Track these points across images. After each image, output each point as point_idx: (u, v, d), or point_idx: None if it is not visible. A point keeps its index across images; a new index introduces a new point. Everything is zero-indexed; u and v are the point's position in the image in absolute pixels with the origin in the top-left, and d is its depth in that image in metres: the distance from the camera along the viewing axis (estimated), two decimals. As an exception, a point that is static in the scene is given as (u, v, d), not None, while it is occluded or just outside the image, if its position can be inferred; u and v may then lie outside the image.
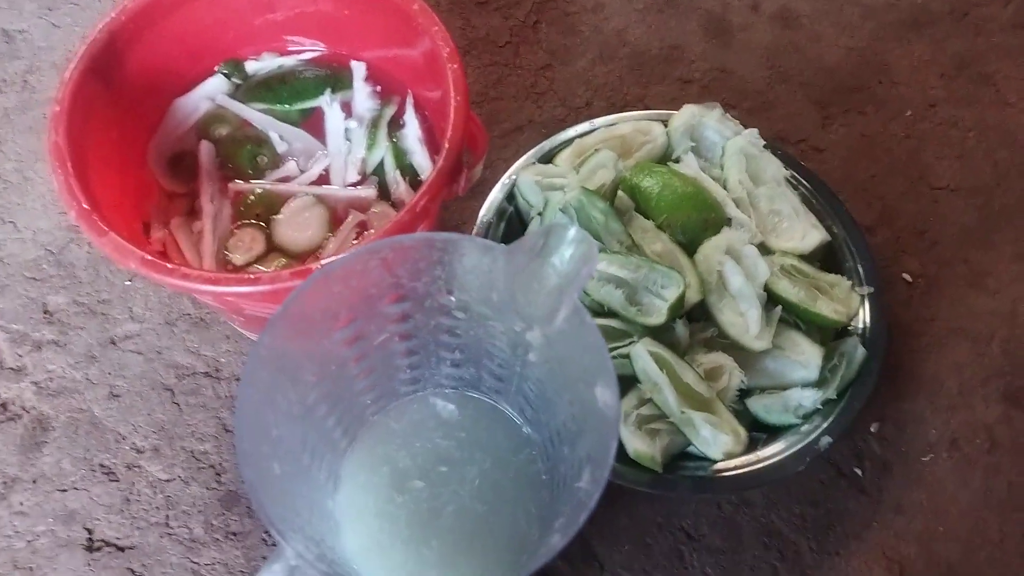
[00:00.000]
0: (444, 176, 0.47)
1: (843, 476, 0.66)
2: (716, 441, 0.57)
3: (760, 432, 0.63)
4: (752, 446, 0.61)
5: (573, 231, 0.39)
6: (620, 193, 0.67)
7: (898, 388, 0.69)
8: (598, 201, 0.63)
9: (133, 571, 0.63)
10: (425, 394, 0.61)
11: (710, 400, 0.59)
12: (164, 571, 0.62)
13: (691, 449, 0.60)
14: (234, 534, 0.63)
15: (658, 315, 0.60)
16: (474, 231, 0.68)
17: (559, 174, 0.67)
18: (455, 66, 0.50)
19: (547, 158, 0.71)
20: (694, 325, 0.64)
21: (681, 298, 0.59)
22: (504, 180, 0.70)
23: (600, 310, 0.62)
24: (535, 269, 0.40)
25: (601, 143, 0.70)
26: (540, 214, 0.64)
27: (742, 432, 0.58)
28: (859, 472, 0.66)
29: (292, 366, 0.40)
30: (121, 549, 0.63)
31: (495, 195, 0.69)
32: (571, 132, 0.72)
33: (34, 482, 0.65)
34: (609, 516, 0.64)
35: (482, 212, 0.68)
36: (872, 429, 0.68)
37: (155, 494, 0.65)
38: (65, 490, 0.65)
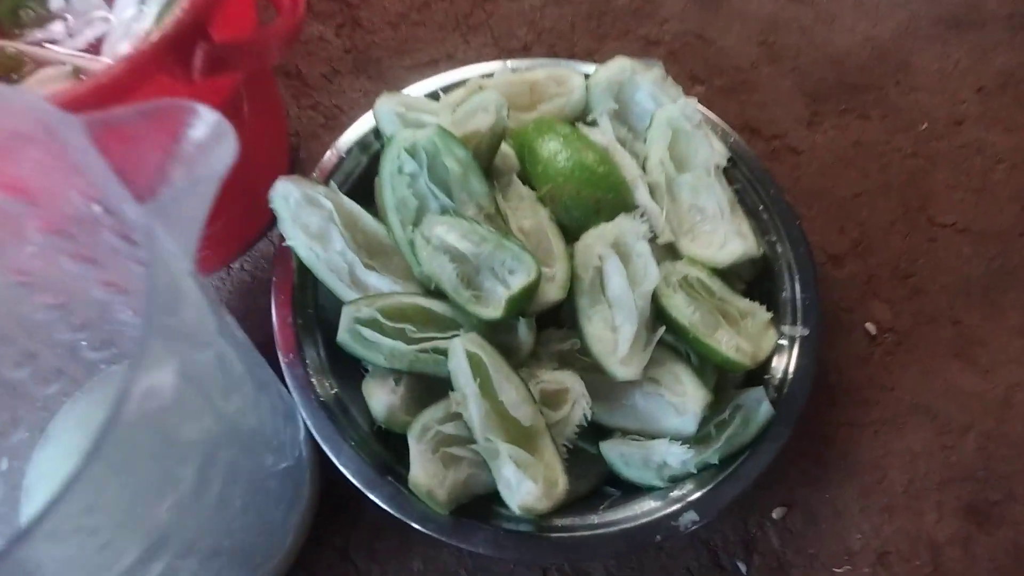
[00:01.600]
0: (163, 47, 0.33)
1: (720, 568, 0.49)
2: (518, 487, 0.41)
3: (615, 488, 0.47)
4: (594, 503, 0.46)
5: (205, 112, 0.24)
6: (507, 149, 0.52)
7: (821, 469, 0.52)
8: (457, 147, 0.48)
9: None
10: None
11: (532, 432, 0.43)
12: None
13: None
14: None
15: (495, 306, 0.44)
16: (322, 159, 0.54)
17: (430, 110, 0.53)
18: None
19: (438, 97, 0.57)
20: (552, 331, 0.48)
21: (529, 290, 0.44)
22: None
23: (429, 287, 0.47)
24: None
25: (502, 86, 0.55)
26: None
27: (559, 485, 0.42)
28: (742, 568, 0.49)
29: None
30: None
31: (362, 125, 0.55)
32: (473, 69, 0.58)
33: None
34: (400, 557, 0.49)
35: (340, 141, 0.55)
36: (774, 515, 0.51)
37: None
38: None
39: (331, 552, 0.49)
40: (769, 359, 0.49)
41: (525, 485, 0.41)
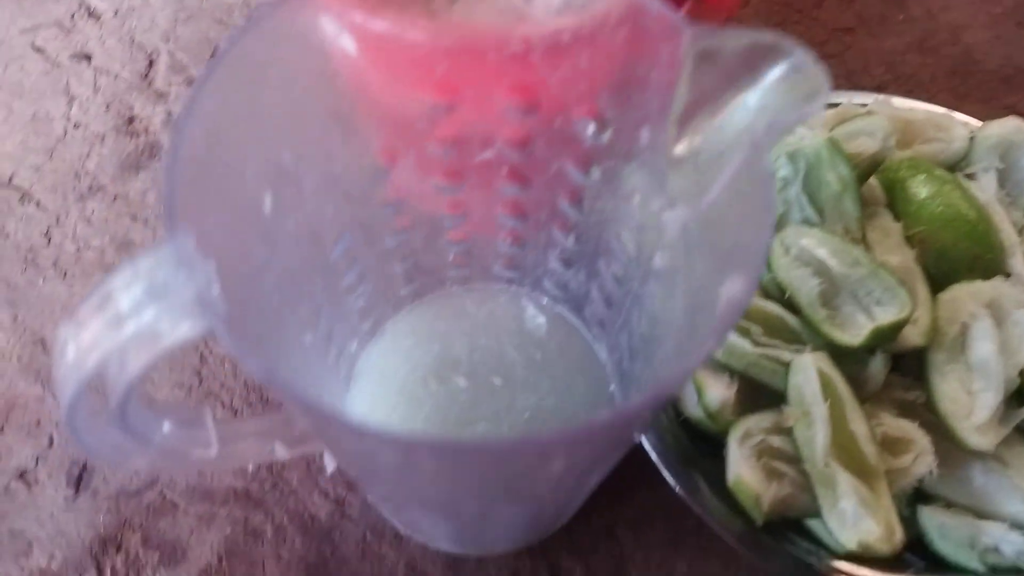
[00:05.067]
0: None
1: None
2: (856, 523, 0.39)
3: (918, 557, 0.44)
4: (896, 567, 0.42)
5: (798, 55, 0.24)
6: (873, 182, 0.50)
7: None
8: (843, 164, 0.46)
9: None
10: (521, 291, 0.49)
11: (874, 471, 0.41)
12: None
13: (812, 524, 0.42)
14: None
15: (855, 333, 0.43)
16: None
17: (806, 123, 0.51)
18: None
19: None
20: (892, 377, 0.46)
21: (898, 326, 0.42)
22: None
23: (778, 296, 0.46)
24: (718, 102, 0.26)
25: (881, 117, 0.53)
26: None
27: (898, 532, 0.40)
28: None
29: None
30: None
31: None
32: (844, 96, 0.56)
33: (114, 199, 0.60)
34: (666, 552, 0.48)
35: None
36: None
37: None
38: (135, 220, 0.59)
39: (598, 526, 0.48)
40: None
41: (866, 523, 0.39)
